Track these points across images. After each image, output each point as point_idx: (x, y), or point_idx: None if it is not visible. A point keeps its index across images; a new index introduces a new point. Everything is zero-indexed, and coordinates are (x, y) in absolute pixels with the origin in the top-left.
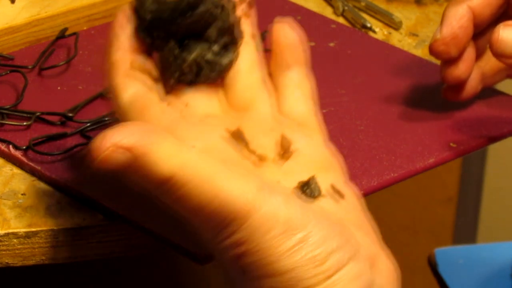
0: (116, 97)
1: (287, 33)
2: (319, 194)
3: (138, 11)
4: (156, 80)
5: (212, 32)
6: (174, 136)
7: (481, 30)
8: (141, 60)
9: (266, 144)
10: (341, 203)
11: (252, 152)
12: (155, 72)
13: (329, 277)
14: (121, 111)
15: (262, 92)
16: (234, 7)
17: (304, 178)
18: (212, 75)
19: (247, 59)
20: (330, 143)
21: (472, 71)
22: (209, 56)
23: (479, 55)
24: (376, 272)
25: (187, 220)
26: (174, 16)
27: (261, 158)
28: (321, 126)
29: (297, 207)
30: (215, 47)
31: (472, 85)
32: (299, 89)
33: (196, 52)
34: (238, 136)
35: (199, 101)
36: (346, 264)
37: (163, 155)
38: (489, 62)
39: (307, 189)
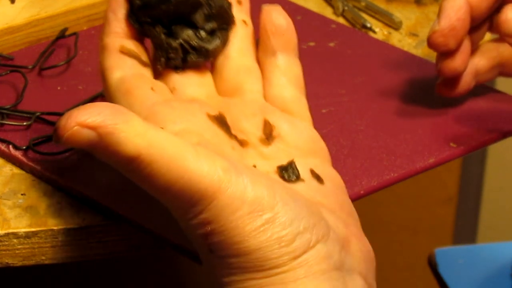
0: (105, 79)
1: (274, 18)
2: (297, 178)
3: None
4: (145, 64)
5: (198, 17)
6: (156, 118)
7: (476, 25)
8: (131, 45)
9: (248, 129)
10: (319, 188)
11: (234, 136)
12: (144, 57)
13: (295, 257)
14: (108, 93)
15: (250, 77)
16: None
17: (284, 162)
18: (199, 60)
19: (237, 44)
20: (314, 130)
21: (467, 64)
22: (195, 41)
23: (473, 51)
24: (347, 254)
25: (157, 198)
26: (161, 1)
27: (243, 143)
28: (307, 112)
29: (264, 189)
30: (202, 33)
31: (466, 81)
32: (285, 75)
33: (181, 37)
34: (220, 121)
35: (186, 85)
36: (314, 245)
37: (129, 135)
38: (483, 59)
39: (285, 173)
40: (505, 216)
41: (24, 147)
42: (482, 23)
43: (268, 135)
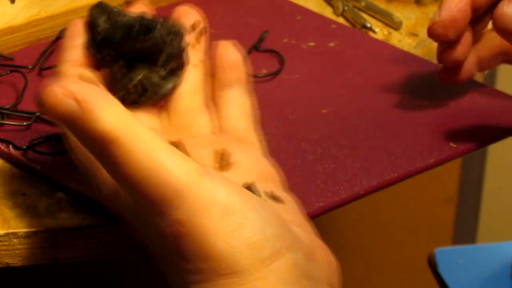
0: None
1: (229, 53)
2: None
3: (90, 27)
4: None
5: (161, 57)
6: None
7: (478, 16)
8: (89, 74)
9: (205, 156)
10: (280, 206)
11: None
12: (101, 87)
13: (266, 264)
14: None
15: (202, 114)
16: (184, 35)
17: (245, 186)
18: (155, 97)
19: (190, 83)
20: (268, 157)
21: (468, 54)
22: (155, 79)
23: (476, 40)
24: (314, 265)
25: (131, 198)
26: (126, 39)
27: None
28: (260, 141)
29: (237, 194)
30: (162, 71)
31: (468, 69)
32: (239, 107)
33: (143, 74)
34: (179, 147)
35: (142, 120)
36: (284, 254)
37: (109, 114)
38: (485, 47)
39: None
40: (505, 216)
41: (24, 147)
42: (484, 13)
43: (227, 161)
